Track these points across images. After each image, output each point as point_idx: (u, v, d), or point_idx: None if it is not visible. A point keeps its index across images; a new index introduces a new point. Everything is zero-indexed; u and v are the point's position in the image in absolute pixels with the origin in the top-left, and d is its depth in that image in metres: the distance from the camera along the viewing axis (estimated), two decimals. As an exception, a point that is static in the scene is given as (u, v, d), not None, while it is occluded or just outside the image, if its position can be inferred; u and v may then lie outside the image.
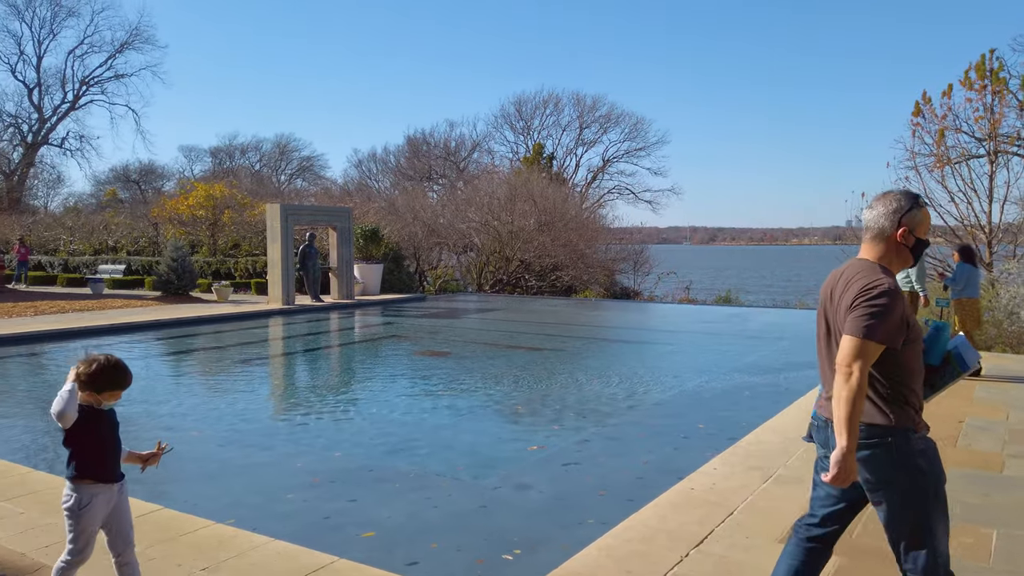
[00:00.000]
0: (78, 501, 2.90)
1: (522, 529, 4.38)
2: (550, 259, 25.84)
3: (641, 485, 5.21)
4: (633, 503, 4.79)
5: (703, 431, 6.60)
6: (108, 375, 2.96)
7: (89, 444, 2.94)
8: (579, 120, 48.60)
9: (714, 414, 7.28)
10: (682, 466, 5.51)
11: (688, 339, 13.06)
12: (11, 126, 50.51)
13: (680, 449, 6.06)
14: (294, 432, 6.81)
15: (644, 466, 5.62)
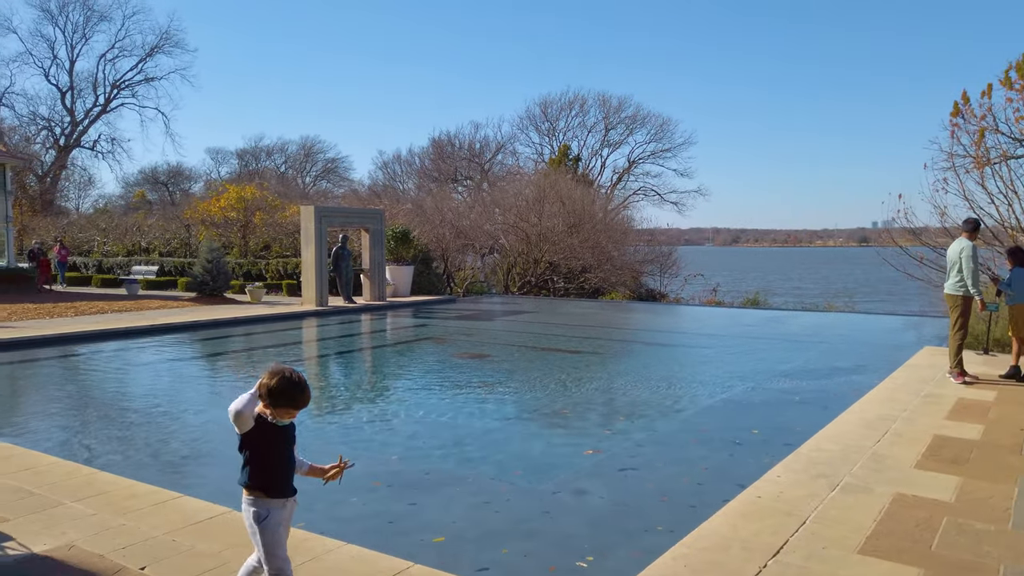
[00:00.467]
0: (256, 515, 2.90)
1: (588, 536, 4.35)
2: (578, 261, 25.78)
3: (701, 491, 5.16)
4: (696, 510, 4.74)
5: (757, 437, 6.52)
6: (287, 393, 2.82)
7: (261, 456, 2.89)
8: (604, 121, 48.49)
9: (765, 420, 7.19)
10: (741, 473, 5.45)
11: (727, 343, 12.93)
12: (44, 129, 51.49)
13: (736, 455, 5.99)
14: (346, 434, 6.83)
15: (703, 472, 5.56)
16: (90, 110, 52.02)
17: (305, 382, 2.89)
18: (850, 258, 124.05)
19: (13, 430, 6.86)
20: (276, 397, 2.80)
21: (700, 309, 20.66)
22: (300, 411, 2.92)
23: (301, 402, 2.86)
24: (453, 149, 52.93)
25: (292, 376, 2.83)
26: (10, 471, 5.03)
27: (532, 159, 50.82)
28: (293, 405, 2.85)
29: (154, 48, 51.76)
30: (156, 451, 6.23)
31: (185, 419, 7.39)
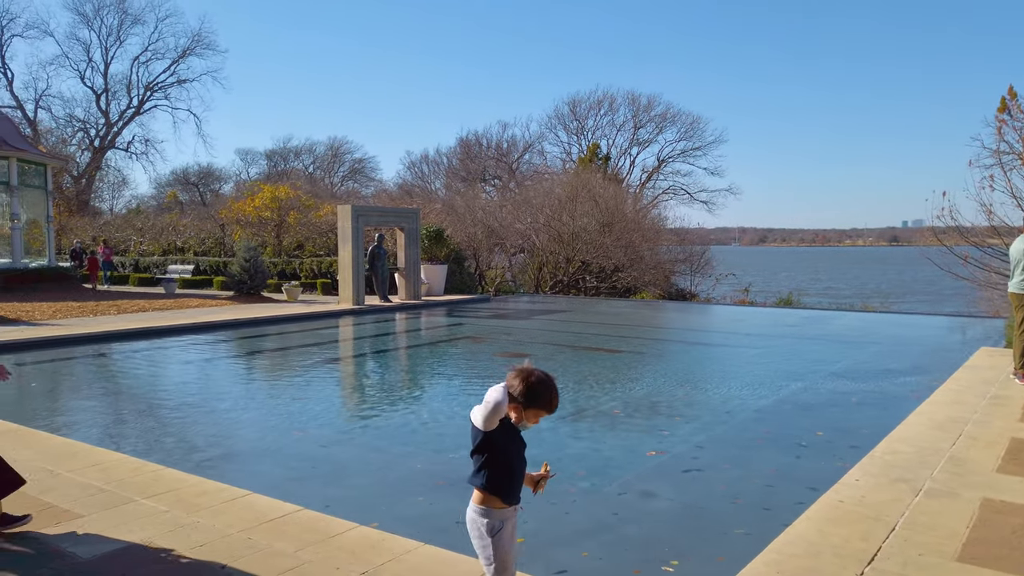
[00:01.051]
0: (491, 527, 2.75)
1: (665, 539, 4.24)
2: (610, 260, 25.60)
3: (772, 494, 5.02)
4: (771, 513, 4.62)
5: (821, 439, 6.35)
6: (544, 395, 2.65)
7: (505, 459, 2.74)
8: (634, 120, 48.18)
9: (826, 421, 7.02)
10: (811, 476, 5.31)
11: (771, 342, 12.72)
12: (80, 131, 52.47)
13: (803, 457, 5.83)
14: (398, 432, 6.78)
15: (771, 474, 5.42)
16: (124, 112, 52.91)
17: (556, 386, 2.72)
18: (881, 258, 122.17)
19: (73, 427, 6.92)
20: (533, 398, 2.63)
21: (736, 309, 20.40)
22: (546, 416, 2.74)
23: (555, 404, 2.70)
24: (481, 148, 52.99)
25: (547, 377, 2.67)
26: (78, 467, 5.04)
27: (560, 158, 50.70)
28: (548, 408, 2.69)
29: (186, 50, 52.53)
30: (213, 448, 6.23)
31: (238, 416, 7.39)
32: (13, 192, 21.61)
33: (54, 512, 4.23)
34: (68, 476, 4.86)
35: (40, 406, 8.13)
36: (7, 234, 22.96)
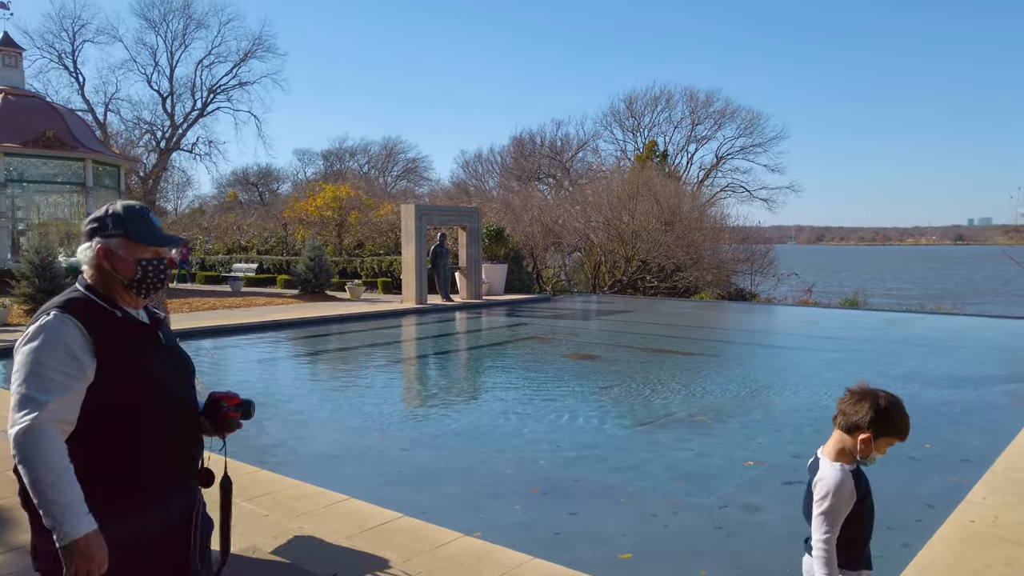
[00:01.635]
0: None
1: (781, 558, 4.01)
2: (671, 260, 25.15)
3: (887, 511, 4.67)
4: (891, 532, 4.34)
5: (929, 452, 6.00)
6: (901, 417, 2.32)
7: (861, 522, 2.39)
8: (691, 116, 47.37)
9: (932, 432, 6.64)
10: (927, 492, 5.02)
11: (851, 346, 12.24)
12: (147, 133, 54.17)
13: (914, 472, 5.51)
14: (479, 435, 6.68)
15: (883, 489, 5.11)
16: (188, 114, 54.34)
17: None
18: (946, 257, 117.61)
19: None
20: (888, 423, 2.29)
21: (806, 310, 19.78)
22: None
23: (908, 431, 2.35)
24: (535, 147, 52.83)
25: (895, 396, 2.35)
26: (174, 467, 5.06)
27: (615, 156, 50.19)
28: (903, 434, 2.35)
29: (247, 53, 53.60)
30: (297, 448, 6.23)
31: (316, 416, 7.40)
32: (88, 193, 22.36)
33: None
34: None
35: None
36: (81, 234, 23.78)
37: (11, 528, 4.04)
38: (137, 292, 2.08)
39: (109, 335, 1.97)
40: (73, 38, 49.40)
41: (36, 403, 1.81)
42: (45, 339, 1.88)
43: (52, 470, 1.79)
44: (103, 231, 2.06)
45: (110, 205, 2.12)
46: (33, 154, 21.21)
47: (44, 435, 1.81)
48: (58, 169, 22.30)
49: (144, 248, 2.07)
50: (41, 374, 1.85)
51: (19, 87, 23.24)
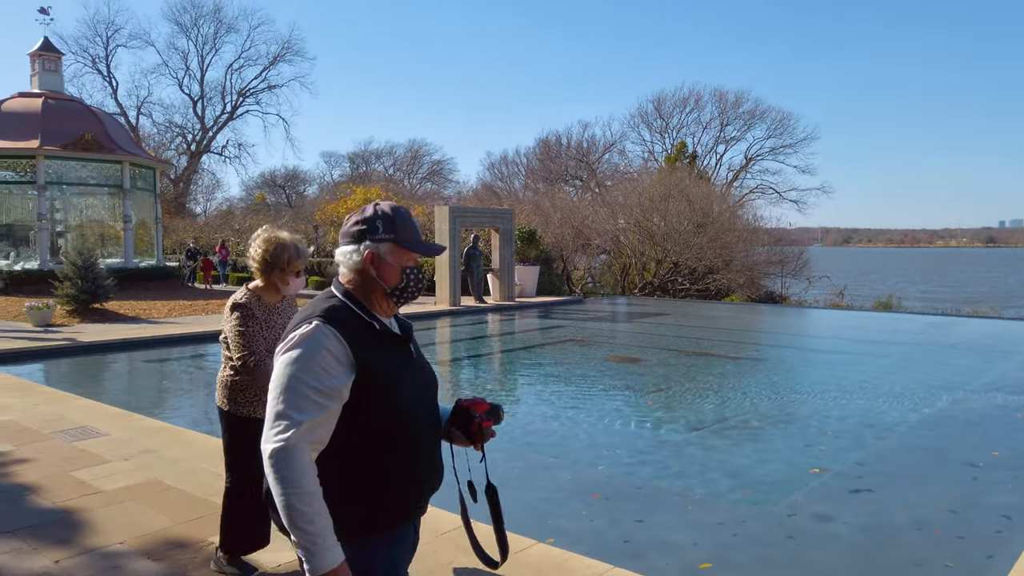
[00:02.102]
0: None
1: (863, 570, 3.91)
2: (702, 262, 24.93)
3: (961, 520, 4.60)
4: (968, 542, 4.25)
5: (997, 460, 5.84)
6: None
7: None
8: (720, 117, 46.98)
9: (998, 440, 6.47)
10: (1000, 502, 4.89)
11: (899, 350, 12.00)
12: (178, 136, 55.00)
13: (981, 480, 5.36)
14: (532, 439, 6.60)
15: (954, 498, 4.98)
16: (218, 117, 55.06)
17: None
18: (978, 260, 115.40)
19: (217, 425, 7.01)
20: None
21: (839, 313, 19.49)
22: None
23: None
24: (561, 148, 52.72)
25: None
26: (237, 469, 5.06)
27: (642, 157, 49.92)
28: None
29: (276, 57, 54.21)
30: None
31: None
32: (125, 195, 22.66)
33: (227, 516, 4.22)
34: (230, 478, 4.87)
35: (180, 404, 8.36)
36: (117, 235, 24.14)
37: (82, 530, 4.05)
38: (396, 301, 1.96)
39: (369, 349, 1.85)
40: (107, 43, 50.31)
41: (291, 421, 1.72)
42: (305, 352, 1.77)
43: (304, 496, 1.70)
44: (373, 234, 1.90)
45: (375, 205, 1.96)
46: (73, 157, 21.54)
47: (298, 458, 1.71)
48: (96, 172, 22.63)
49: (410, 255, 1.94)
50: (297, 390, 1.75)
51: (59, 91, 23.63)
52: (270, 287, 3.41)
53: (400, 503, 1.90)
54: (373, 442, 1.84)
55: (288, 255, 3.34)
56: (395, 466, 1.87)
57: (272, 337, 3.39)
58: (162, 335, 12.41)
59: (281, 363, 1.79)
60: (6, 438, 5.87)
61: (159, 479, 4.86)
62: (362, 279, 1.92)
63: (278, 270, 3.35)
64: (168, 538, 3.92)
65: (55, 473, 4.98)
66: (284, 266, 3.33)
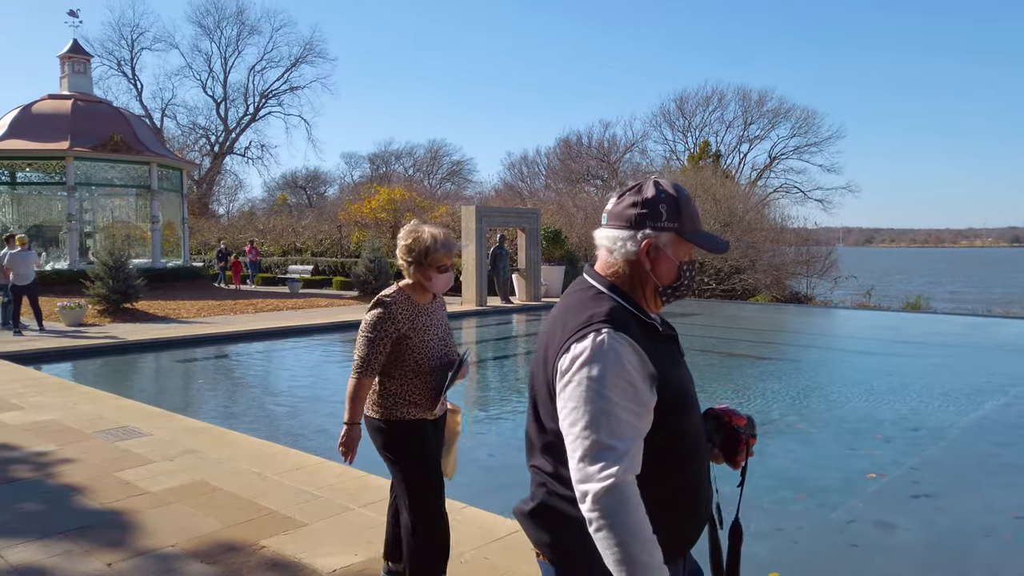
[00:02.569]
0: None
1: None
2: (727, 262, 24.63)
3: None
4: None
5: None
6: None
7: None
8: (744, 116, 46.53)
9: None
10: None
11: (937, 352, 11.73)
12: (202, 137, 55.49)
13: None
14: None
15: (1022, 504, 4.80)
16: (241, 119, 55.47)
17: None
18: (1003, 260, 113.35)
19: (256, 426, 6.97)
20: None
21: (869, 313, 19.16)
22: None
23: None
24: (582, 148, 52.51)
25: None
26: (282, 470, 5.00)
27: (663, 157, 49.60)
28: None
29: (298, 59, 54.52)
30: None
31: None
32: (153, 196, 22.83)
33: (276, 519, 4.16)
34: (276, 479, 4.81)
35: (218, 404, 8.34)
36: (143, 236, 24.34)
37: (132, 532, 3.99)
38: (666, 300, 1.66)
39: (656, 356, 1.55)
40: (132, 46, 50.84)
41: (614, 453, 1.45)
42: (608, 367, 1.47)
43: (647, 544, 1.44)
44: (654, 220, 1.59)
45: (656, 184, 1.63)
46: (102, 158, 21.74)
47: (631, 497, 1.45)
48: (123, 173, 22.83)
49: (690, 249, 1.64)
50: (612, 413, 1.46)
51: (88, 93, 23.87)
52: (417, 286, 3.10)
53: (689, 528, 1.65)
54: (667, 461, 1.56)
55: (427, 248, 3.01)
56: (687, 487, 1.62)
57: (426, 341, 3.05)
58: (194, 335, 12.43)
59: (581, 383, 1.48)
60: (48, 438, 5.85)
61: (204, 480, 4.81)
62: (631, 271, 1.62)
63: (421, 265, 3.03)
64: (219, 541, 3.85)
65: (100, 474, 4.94)
66: (424, 260, 3.02)
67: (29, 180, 23.06)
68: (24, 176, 22.93)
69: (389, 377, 3.06)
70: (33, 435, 5.92)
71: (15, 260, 12.67)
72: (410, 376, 3.04)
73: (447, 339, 3.19)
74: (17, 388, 7.83)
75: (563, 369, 1.52)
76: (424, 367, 3.03)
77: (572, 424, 1.48)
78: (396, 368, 3.04)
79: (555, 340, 1.58)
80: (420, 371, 3.03)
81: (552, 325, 1.65)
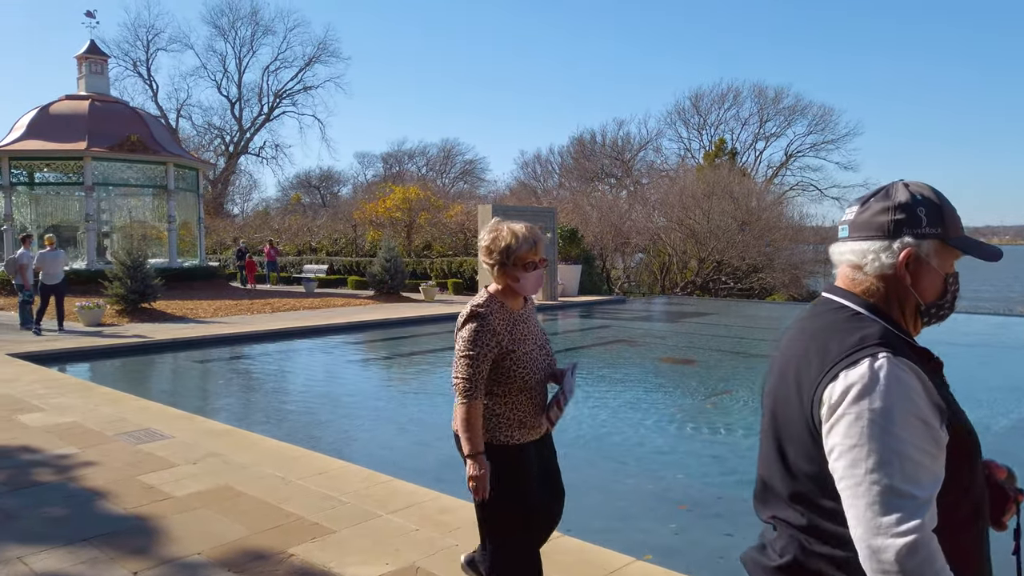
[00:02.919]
0: None
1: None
2: (745, 261, 24.44)
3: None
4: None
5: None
6: None
7: None
8: (760, 114, 46.15)
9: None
10: None
11: (968, 352, 11.52)
12: (216, 137, 55.76)
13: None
14: (601, 447, 6.36)
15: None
16: (255, 119, 55.68)
17: None
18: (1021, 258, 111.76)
19: (277, 428, 6.90)
20: None
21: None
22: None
23: None
24: (595, 146, 52.30)
25: None
26: (306, 474, 4.91)
27: (678, 155, 49.30)
28: None
29: (312, 58, 54.64)
30: (420, 455, 6.03)
31: (427, 419, 7.21)
32: (170, 195, 22.90)
33: (304, 524, 4.06)
34: (300, 484, 4.73)
35: (239, 405, 8.28)
36: (159, 236, 24.44)
37: (157, 539, 3.91)
38: (927, 322, 1.44)
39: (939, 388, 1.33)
40: (147, 47, 51.14)
41: (913, 503, 1.21)
42: (892, 397, 1.25)
43: None
44: (914, 226, 1.38)
45: (906, 186, 1.42)
46: (119, 158, 21.82)
47: (936, 557, 1.21)
48: (140, 173, 22.91)
49: (955, 258, 1.42)
50: (903, 453, 1.22)
51: (105, 93, 23.97)
52: (507, 290, 2.77)
53: None
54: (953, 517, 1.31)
55: (508, 246, 2.67)
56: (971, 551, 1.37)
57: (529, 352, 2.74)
58: (214, 335, 12.41)
59: (857, 417, 1.26)
60: (70, 440, 5.80)
61: (229, 485, 4.73)
62: (887, 289, 1.41)
63: (505, 266, 2.69)
64: (246, 548, 3.76)
65: (122, 477, 4.87)
66: (507, 259, 2.67)
67: (47, 180, 23.20)
68: (42, 176, 23.07)
69: (491, 395, 2.71)
70: (56, 437, 5.88)
71: (44, 259, 12.75)
72: (515, 393, 2.70)
73: (547, 347, 2.88)
74: (38, 389, 7.80)
75: (832, 402, 1.29)
76: (530, 382, 2.72)
77: (852, 465, 1.25)
78: (499, 385, 2.69)
79: (810, 368, 1.36)
80: (526, 387, 2.71)
81: (797, 350, 1.43)
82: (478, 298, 2.77)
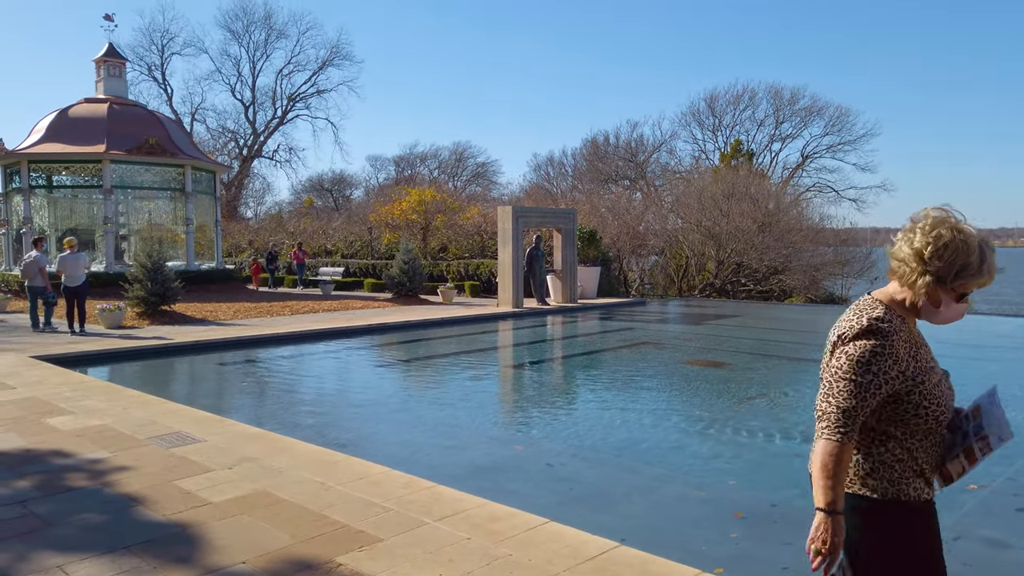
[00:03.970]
0: None
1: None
2: (764, 262, 24.16)
3: None
4: None
5: None
6: None
7: None
8: (775, 115, 45.80)
9: None
10: None
11: (1002, 354, 11.29)
12: (231, 141, 55.91)
13: None
14: (640, 451, 6.19)
15: None
16: (269, 122, 55.81)
17: None
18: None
19: (311, 432, 6.77)
20: None
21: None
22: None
23: None
24: (609, 148, 52.08)
25: None
26: (347, 479, 4.78)
27: (692, 156, 49.02)
28: None
29: (325, 62, 54.74)
30: (453, 460, 5.89)
31: (456, 421, 7.07)
32: (188, 198, 22.91)
33: (349, 532, 3.93)
34: (340, 490, 4.59)
35: (268, 408, 8.17)
36: (176, 238, 24.45)
37: (199, 547, 3.79)
38: None
39: None
40: (162, 51, 51.36)
41: None
42: None
43: None
44: None
45: None
46: (138, 161, 21.85)
47: None
48: (158, 175, 22.94)
49: None
50: None
51: (123, 96, 24.03)
52: (910, 305, 2.10)
53: None
54: None
55: (967, 264, 1.99)
56: None
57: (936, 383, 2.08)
58: (236, 337, 12.32)
59: None
60: (102, 444, 5.70)
61: (267, 490, 4.60)
62: None
63: (943, 283, 2.01)
64: (292, 557, 3.63)
65: (158, 483, 4.76)
66: (949, 278, 1.99)
67: (64, 183, 23.27)
68: (60, 179, 23.13)
69: (890, 438, 2.08)
70: (87, 441, 5.77)
71: (65, 262, 12.74)
72: (920, 437, 2.08)
73: (948, 379, 2.18)
74: (64, 392, 7.72)
75: None
76: (941, 423, 2.09)
77: None
78: (898, 425, 2.07)
79: None
80: (932, 430, 2.08)
81: None
82: (871, 307, 2.10)
